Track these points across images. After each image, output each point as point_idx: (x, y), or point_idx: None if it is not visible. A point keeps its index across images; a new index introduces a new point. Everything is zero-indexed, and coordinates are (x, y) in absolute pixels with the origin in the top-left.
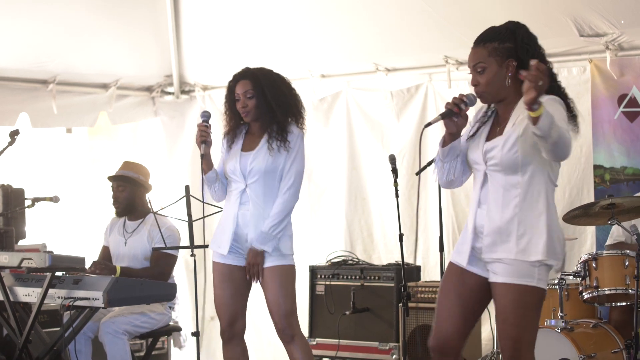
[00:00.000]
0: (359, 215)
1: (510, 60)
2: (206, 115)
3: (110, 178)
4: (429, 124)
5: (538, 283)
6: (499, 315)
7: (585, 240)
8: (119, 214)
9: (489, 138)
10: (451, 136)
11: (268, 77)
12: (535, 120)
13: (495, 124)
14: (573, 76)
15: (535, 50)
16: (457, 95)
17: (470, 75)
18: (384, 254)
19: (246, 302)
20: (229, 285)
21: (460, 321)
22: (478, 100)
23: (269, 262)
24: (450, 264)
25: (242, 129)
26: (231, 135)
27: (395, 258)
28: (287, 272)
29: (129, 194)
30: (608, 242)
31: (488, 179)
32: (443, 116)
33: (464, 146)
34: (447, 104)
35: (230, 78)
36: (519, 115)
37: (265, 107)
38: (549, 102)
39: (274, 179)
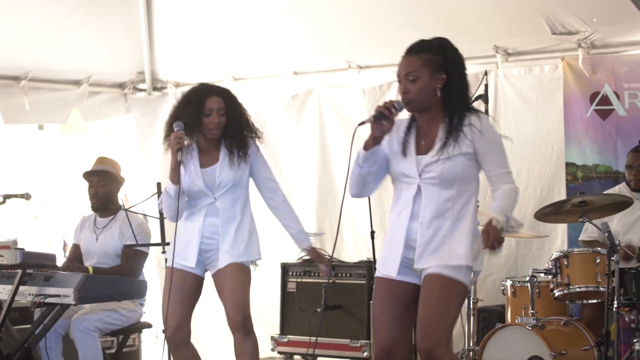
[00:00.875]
0: (329, 213)
1: (441, 73)
2: (180, 126)
3: (92, 173)
4: (362, 123)
5: (464, 280)
6: (422, 303)
7: (556, 238)
8: (97, 209)
9: (419, 152)
10: (374, 140)
11: (234, 96)
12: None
13: (419, 137)
14: (545, 74)
15: (463, 68)
16: (387, 100)
17: None
18: (353, 252)
19: (192, 311)
20: (180, 290)
21: (400, 330)
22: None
23: (228, 260)
24: (378, 278)
25: (192, 148)
26: (183, 151)
27: (364, 256)
28: (245, 271)
29: (109, 189)
30: (582, 237)
31: (422, 192)
32: (375, 118)
33: (383, 157)
34: (379, 107)
35: (202, 74)
36: (450, 130)
37: (232, 125)
38: (494, 143)
39: (240, 190)
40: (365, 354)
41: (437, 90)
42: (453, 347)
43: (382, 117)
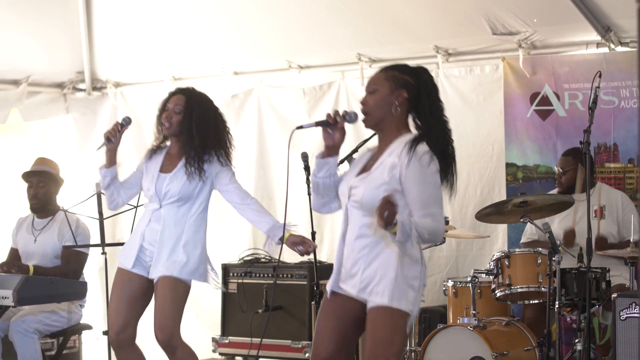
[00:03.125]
0: None
1: (402, 91)
2: (126, 122)
3: (32, 173)
4: (301, 127)
5: (399, 305)
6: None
7: (497, 238)
8: (36, 210)
9: (360, 172)
10: (328, 150)
11: (202, 103)
12: (393, 234)
13: (372, 159)
14: (486, 74)
15: (436, 99)
16: (334, 109)
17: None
18: (289, 253)
19: (140, 313)
20: (127, 292)
21: (338, 343)
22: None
23: (161, 272)
24: (326, 294)
25: (165, 148)
26: (152, 150)
27: (299, 258)
28: (177, 286)
29: (48, 190)
30: (522, 240)
31: (348, 215)
32: (317, 124)
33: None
34: (327, 114)
35: (142, 74)
36: (388, 156)
37: (186, 128)
38: (417, 179)
39: (188, 203)
40: (306, 354)
41: (393, 106)
42: None
43: (325, 124)
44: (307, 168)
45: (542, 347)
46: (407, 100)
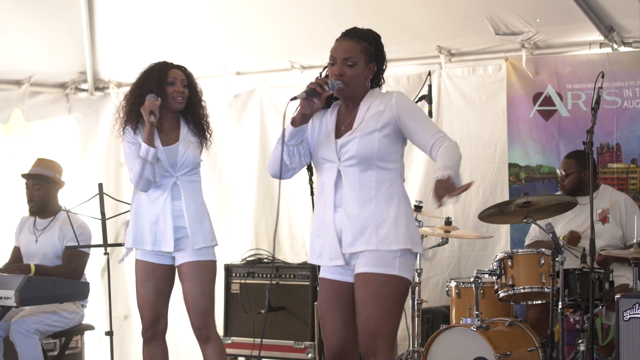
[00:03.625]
0: (266, 215)
1: (373, 64)
2: (155, 97)
3: (26, 176)
4: (295, 98)
5: (400, 272)
6: (358, 307)
7: (499, 239)
8: (33, 212)
9: (337, 135)
10: (303, 117)
11: (191, 74)
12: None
13: (340, 122)
14: (489, 74)
15: (385, 63)
16: (320, 77)
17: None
18: (290, 255)
19: (168, 302)
20: (152, 283)
21: (347, 331)
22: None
23: (187, 258)
24: (321, 279)
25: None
26: (135, 125)
27: (301, 258)
28: (207, 269)
29: (44, 192)
30: (526, 243)
31: (342, 177)
32: (307, 93)
33: (308, 138)
34: (311, 83)
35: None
36: (367, 111)
37: (194, 99)
38: (412, 111)
39: (198, 173)
40: (309, 355)
41: (367, 80)
42: (397, 349)
43: (314, 94)
44: (309, 168)
45: (545, 347)
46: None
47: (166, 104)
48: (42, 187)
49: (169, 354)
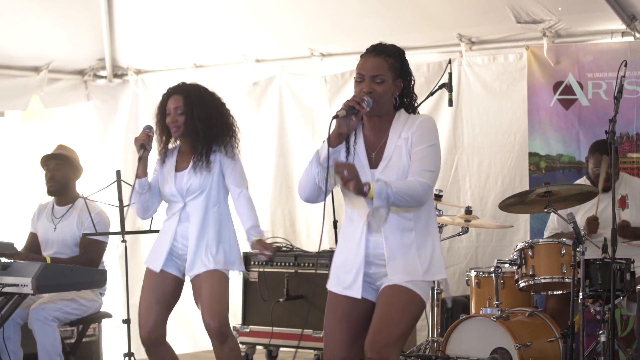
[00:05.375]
0: (282, 204)
1: (399, 81)
2: (150, 128)
3: (49, 156)
4: (336, 116)
5: (422, 294)
6: (377, 313)
7: (518, 229)
8: (52, 192)
9: (371, 165)
10: (340, 137)
11: (200, 95)
12: (370, 200)
13: (369, 149)
14: (509, 63)
15: (412, 79)
16: (356, 95)
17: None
18: (307, 244)
19: (169, 312)
20: (158, 292)
21: (351, 348)
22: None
23: (204, 267)
24: (333, 294)
25: (175, 149)
26: (163, 154)
27: (317, 248)
28: (219, 276)
29: (65, 173)
30: (546, 235)
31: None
32: (347, 112)
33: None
34: (349, 101)
35: (163, 62)
36: (400, 136)
37: (192, 126)
38: (423, 138)
39: (210, 195)
40: None
41: (394, 97)
42: (416, 338)
43: (353, 112)
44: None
45: (565, 338)
46: (401, 89)
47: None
48: (63, 168)
49: (175, 353)
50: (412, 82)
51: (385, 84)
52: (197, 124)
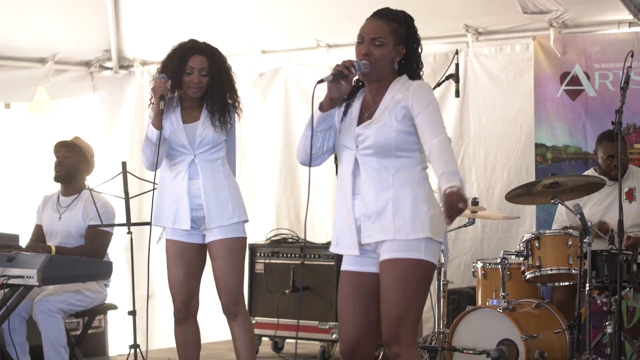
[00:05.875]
0: (287, 195)
1: (402, 47)
2: (164, 77)
3: (62, 143)
4: (321, 80)
5: (425, 256)
6: (382, 293)
7: (524, 220)
8: (59, 178)
9: (359, 122)
10: (331, 102)
11: (221, 57)
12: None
13: (364, 109)
14: (516, 53)
15: (420, 48)
16: (346, 59)
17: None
18: (311, 235)
19: (199, 282)
20: (183, 263)
21: (365, 325)
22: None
23: (216, 236)
24: (342, 271)
25: (174, 102)
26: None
27: (321, 239)
28: (236, 246)
29: (74, 161)
30: (554, 227)
31: (359, 164)
32: (334, 76)
33: (336, 124)
34: (337, 65)
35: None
36: (392, 98)
37: (216, 88)
38: (425, 102)
39: (219, 153)
40: (334, 336)
41: (395, 62)
42: (423, 330)
43: (341, 76)
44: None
45: (572, 329)
46: (404, 55)
47: (183, 88)
48: (72, 156)
49: (200, 334)
50: (420, 50)
51: (385, 47)
52: (225, 86)
